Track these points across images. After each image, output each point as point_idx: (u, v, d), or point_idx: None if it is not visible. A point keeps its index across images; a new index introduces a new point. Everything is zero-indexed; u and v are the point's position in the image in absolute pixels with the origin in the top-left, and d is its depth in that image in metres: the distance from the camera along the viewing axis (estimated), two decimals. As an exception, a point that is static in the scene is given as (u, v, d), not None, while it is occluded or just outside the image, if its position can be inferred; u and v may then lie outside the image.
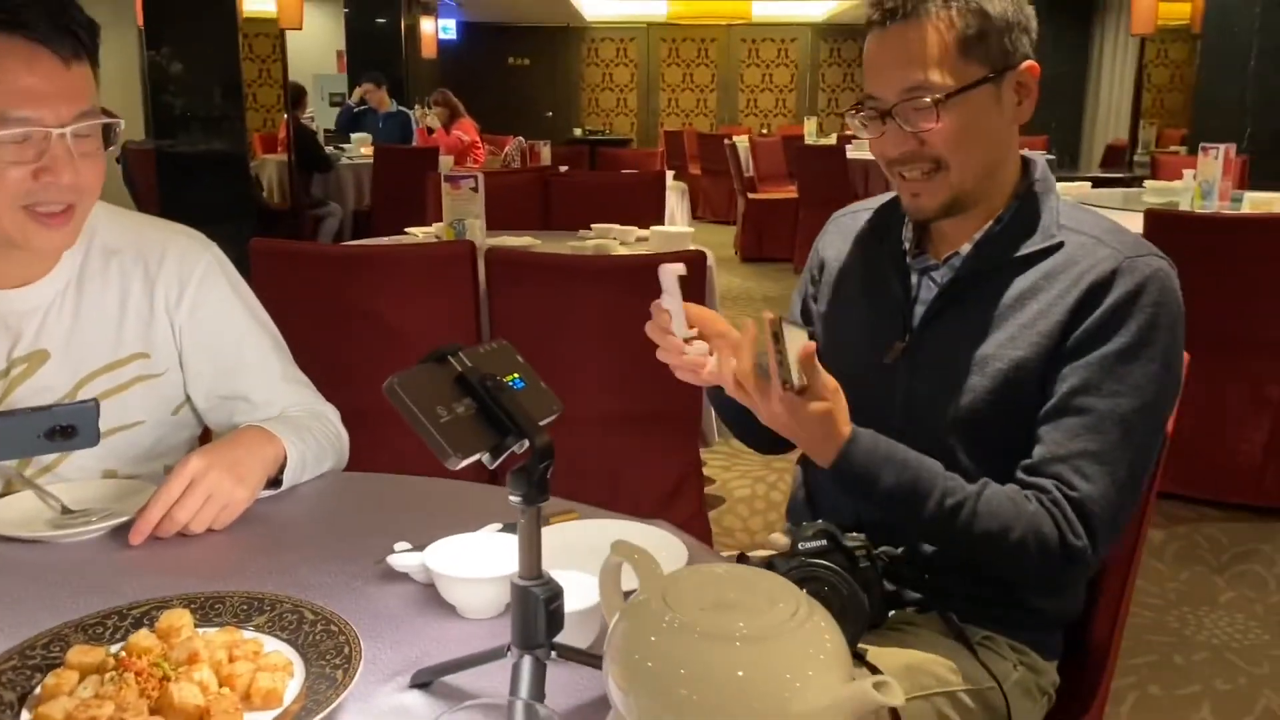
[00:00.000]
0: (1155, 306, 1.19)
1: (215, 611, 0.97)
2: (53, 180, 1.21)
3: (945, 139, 1.22)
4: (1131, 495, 1.21)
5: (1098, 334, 1.19)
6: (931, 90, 1.20)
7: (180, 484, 1.18)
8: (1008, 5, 1.22)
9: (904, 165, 1.26)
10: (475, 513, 1.23)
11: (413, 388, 0.78)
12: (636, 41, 15.46)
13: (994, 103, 1.23)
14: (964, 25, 1.20)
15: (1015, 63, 1.24)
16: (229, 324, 1.45)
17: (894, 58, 1.23)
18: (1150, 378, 1.19)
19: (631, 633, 0.70)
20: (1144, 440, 1.20)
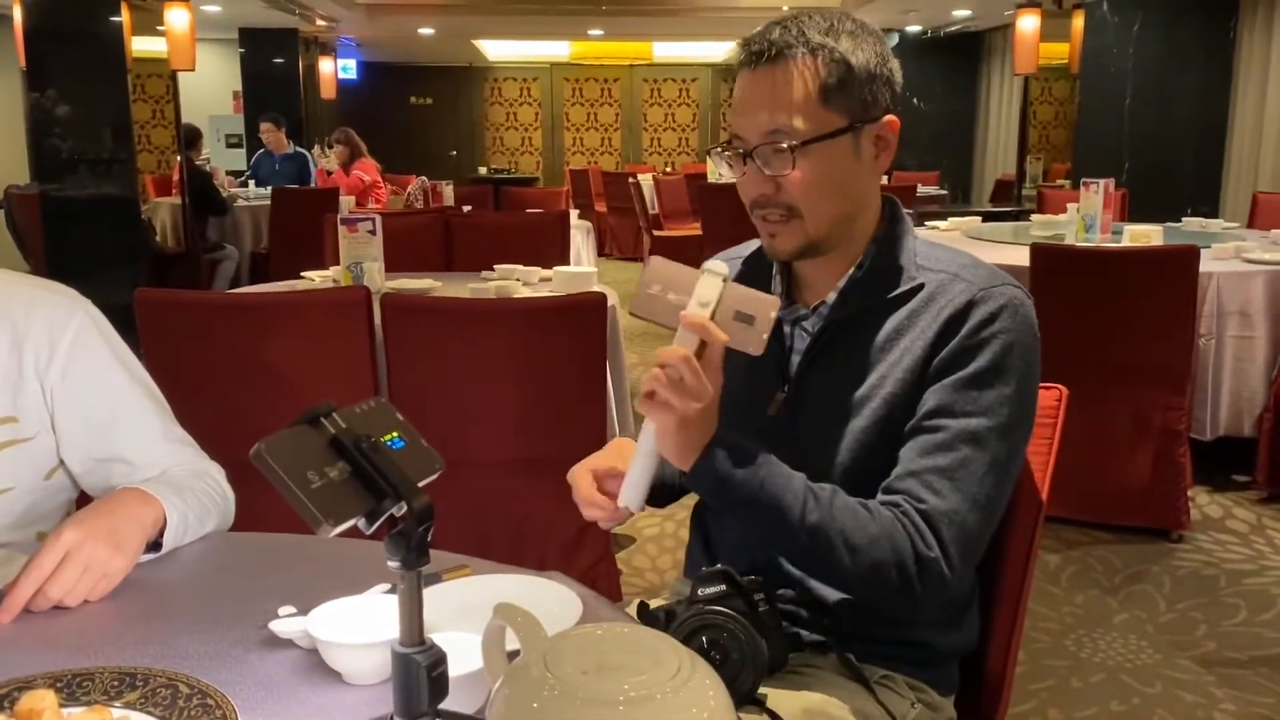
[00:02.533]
0: (1009, 333, 1.22)
1: (83, 689, 0.92)
2: None
3: (800, 187, 1.23)
4: (984, 513, 1.20)
5: (955, 360, 1.22)
6: (790, 135, 1.21)
7: (54, 557, 1.12)
8: (871, 57, 1.24)
9: (763, 208, 1.27)
10: (365, 571, 1.20)
11: (282, 453, 0.75)
12: (540, 81, 15.54)
13: (851, 154, 1.25)
14: (827, 74, 1.22)
15: (875, 115, 1.25)
16: (104, 384, 1.39)
17: (758, 99, 1.24)
18: (1004, 400, 1.21)
19: (513, 700, 0.68)
20: (996, 459, 1.21)
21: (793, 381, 1.31)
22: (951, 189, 10.64)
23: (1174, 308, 3.33)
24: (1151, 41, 7.12)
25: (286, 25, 10.78)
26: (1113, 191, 4.49)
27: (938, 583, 1.18)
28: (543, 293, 3.62)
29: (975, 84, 12.59)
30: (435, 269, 4.26)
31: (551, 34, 13.84)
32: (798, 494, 1.17)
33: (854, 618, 1.28)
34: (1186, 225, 5.27)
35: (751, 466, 1.17)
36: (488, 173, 14.59)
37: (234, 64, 11.74)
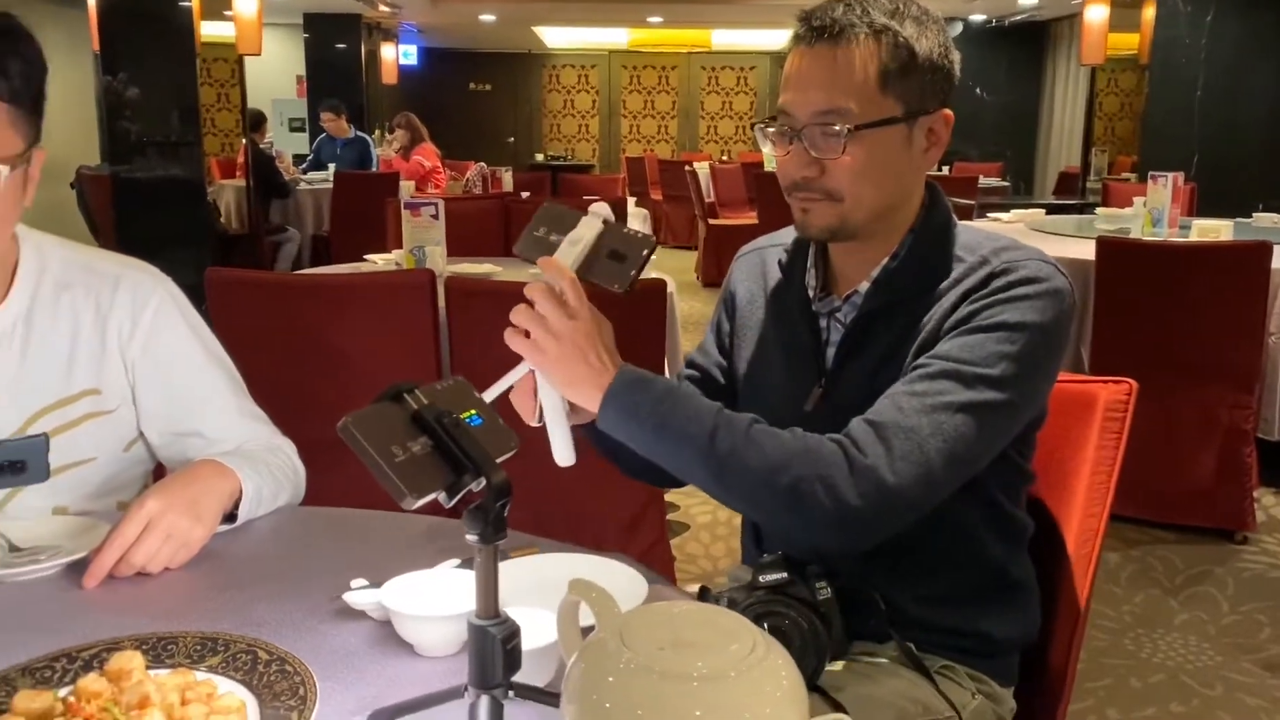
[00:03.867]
0: (1027, 300, 1.17)
1: (168, 652, 0.95)
2: None
3: (847, 172, 1.20)
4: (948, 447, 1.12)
5: (964, 319, 1.18)
6: (845, 119, 1.18)
7: (137, 525, 1.16)
8: (935, 46, 1.21)
9: (801, 190, 1.24)
10: (433, 548, 1.22)
11: (367, 427, 0.77)
12: (598, 68, 15.56)
13: (903, 144, 1.22)
14: (889, 59, 1.18)
15: (932, 107, 1.22)
16: (183, 359, 1.43)
17: (814, 78, 1.20)
18: (1005, 356, 1.14)
19: (589, 673, 0.70)
20: (979, 404, 1.13)
21: (829, 374, 1.29)
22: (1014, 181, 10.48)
23: (1243, 305, 3.26)
24: (1224, 32, 6.94)
25: (350, 11, 10.91)
26: (1181, 185, 4.40)
27: (876, 492, 1.09)
28: (601, 279, 3.63)
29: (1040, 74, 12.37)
30: (494, 254, 4.29)
31: (612, 21, 13.85)
32: (708, 419, 1.13)
33: (915, 607, 1.27)
34: (1257, 221, 5.14)
35: (655, 394, 1.13)
36: (544, 159, 14.64)
37: (298, 49, 11.91)
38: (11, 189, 1.23)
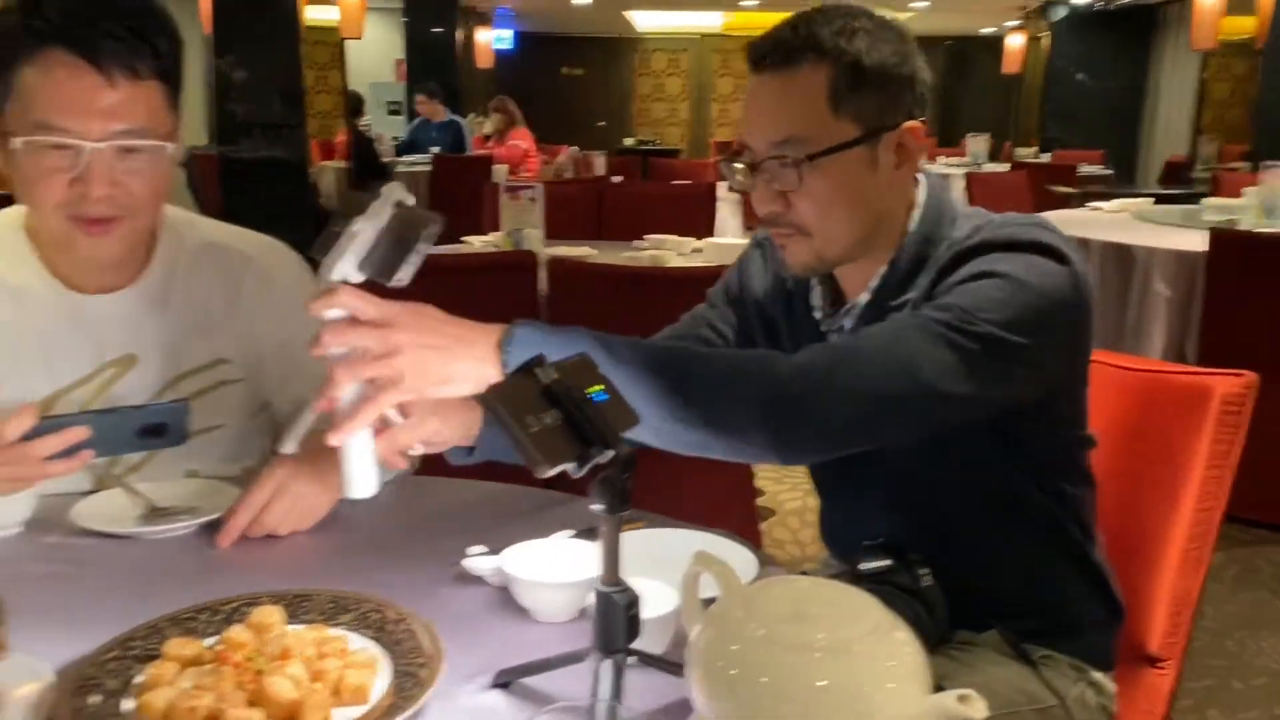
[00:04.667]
0: (1012, 250, 1.09)
1: (303, 609, 1.00)
2: (85, 191, 1.25)
3: (809, 205, 1.15)
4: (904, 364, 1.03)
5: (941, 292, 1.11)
6: (798, 147, 1.13)
7: (268, 488, 1.22)
8: (888, 58, 1.14)
9: (773, 226, 1.20)
10: (545, 518, 1.26)
11: (505, 398, 0.81)
12: (689, 53, 15.52)
13: (867, 166, 1.16)
14: (838, 79, 1.13)
15: (895, 122, 1.16)
16: (309, 332, 1.49)
17: (765, 107, 1.16)
18: (991, 301, 1.05)
19: (715, 641, 0.72)
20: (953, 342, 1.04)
21: None
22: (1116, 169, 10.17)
23: (1365, 300, 3.14)
24: (1349, 16, 6.64)
25: (449, -6, 11.08)
26: (1297, 175, 4.23)
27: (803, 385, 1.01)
28: (694, 263, 3.65)
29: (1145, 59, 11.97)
30: (588, 237, 4.34)
31: (706, 4, 13.79)
32: (640, 344, 1.05)
33: (1018, 596, 1.27)
34: (1378, 212, 4.92)
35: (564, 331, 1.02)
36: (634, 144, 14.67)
37: (397, 32, 12.11)
38: (168, 164, 1.30)
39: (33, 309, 1.38)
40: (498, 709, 0.89)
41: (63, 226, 1.28)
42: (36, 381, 1.37)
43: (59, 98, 1.22)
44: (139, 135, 1.26)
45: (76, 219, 1.27)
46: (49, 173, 1.25)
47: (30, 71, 1.23)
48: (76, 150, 1.23)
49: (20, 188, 1.29)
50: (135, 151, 1.27)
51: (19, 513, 1.24)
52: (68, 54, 1.22)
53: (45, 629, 0.96)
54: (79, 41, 1.21)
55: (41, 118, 1.23)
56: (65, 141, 1.23)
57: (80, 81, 1.22)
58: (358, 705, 0.86)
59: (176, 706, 0.83)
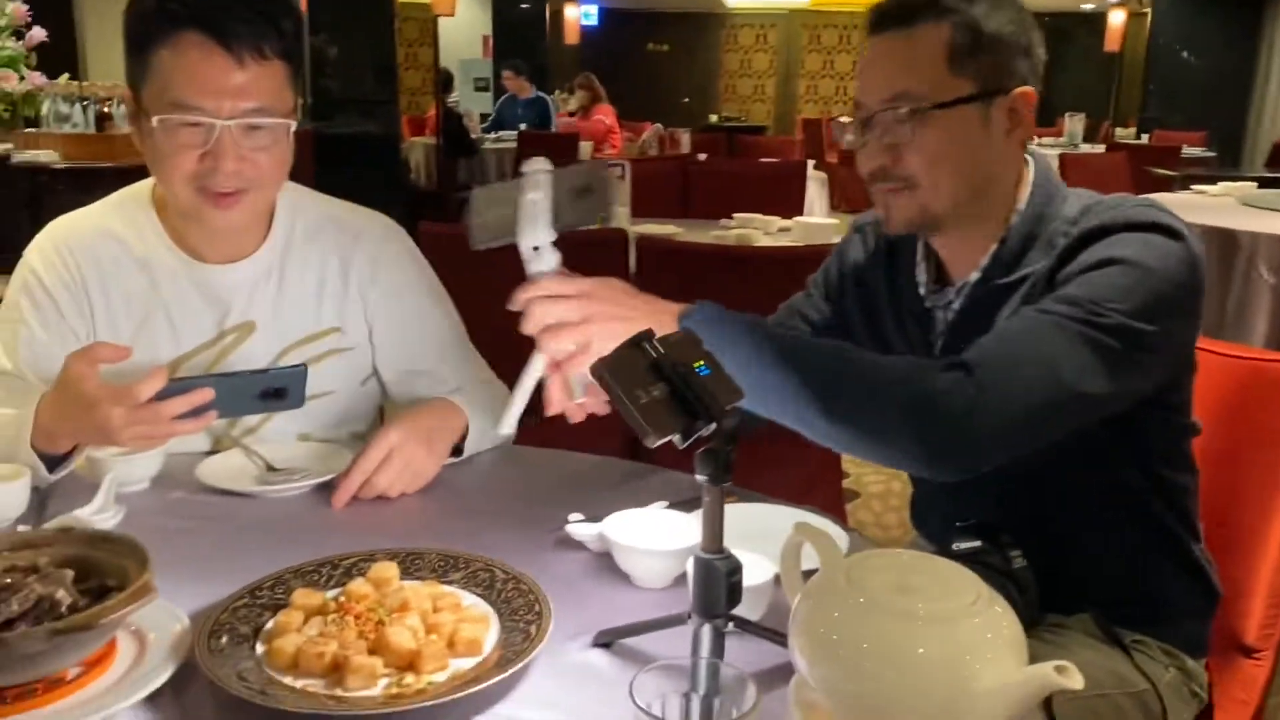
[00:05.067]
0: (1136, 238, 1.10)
1: (415, 566, 1.06)
2: (214, 166, 1.32)
3: (919, 157, 1.18)
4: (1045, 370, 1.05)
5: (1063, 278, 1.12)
6: (912, 100, 1.16)
7: (380, 453, 1.28)
8: (1006, 24, 1.18)
9: (879, 182, 1.22)
10: (636, 489, 1.30)
11: (615, 370, 0.84)
12: (777, 28, 15.36)
13: (979, 125, 1.19)
14: (957, 38, 1.16)
15: (1009, 86, 1.19)
16: (415, 304, 1.55)
17: (881, 65, 1.20)
18: (1111, 288, 1.07)
19: (817, 609, 0.75)
20: (1090, 338, 1.05)
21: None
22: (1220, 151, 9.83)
23: None
24: None
25: (536, -30, 11.13)
26: None
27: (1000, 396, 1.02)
28: (782, 242, 3.65)
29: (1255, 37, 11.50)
30: (674, 215, 4.36)
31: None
32: (800, 341, 1.12)
33: (1110, 580, 1.27)
34: None
35: (744, 316, 1.10)
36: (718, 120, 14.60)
37: (485, 9, 12.22)
38: (289, 139, 1.37)
39: (160, 278, 1.46)
40: (600, 667, 0.93)
41: (192, 199, 1.35)
42: (162, 346, 1.45)
43: (192, 78, 1.29)
44: (264, 113, 1.33)
45: (205, 191, 1.34)
46: (181, 148, 1.32)
47: (165, 53, 1.30)
48: (208, 128, 1.30)
49: (153, 162, 1.37)
50: (260, 128, 1.33)
51: (149, 469, 1.32)
52: (200, 36, 1.28)
53: (174, 578, 1.02)
54: (211, 24, 1.28)
55: (176, 97, 1.30)
56: (197, 119, 1.30)
57: (212, 63, 1.29)
58: (471, 657, 0.91)
59: (304, 652, 0.89)
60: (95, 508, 1.20)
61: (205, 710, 0.86)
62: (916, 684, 0.69)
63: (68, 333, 1.45)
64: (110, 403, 1.18)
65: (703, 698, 0.76)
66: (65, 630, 0.83)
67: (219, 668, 0.87)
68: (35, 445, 1.25)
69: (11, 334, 1.45)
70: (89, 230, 1.47)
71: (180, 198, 1.36)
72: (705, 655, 0.86)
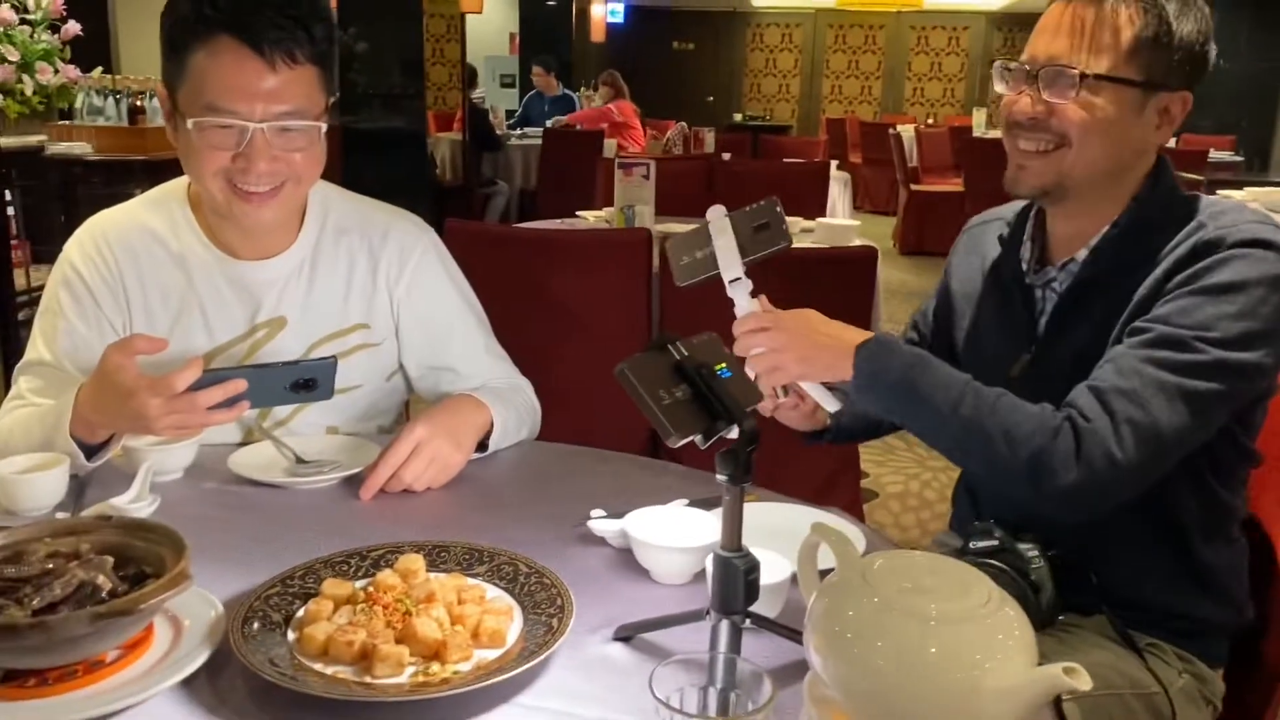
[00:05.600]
0: (1257, 261, 1.14)
1: (441, 559, 1.08)
2: (248, 167, 1.35)
3: (1075, 116, 1.21)
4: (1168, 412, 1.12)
5: (1187, 280, 1.16)
6: (1084, 67, 1.20)
7: (407, 447, 1.31)
8: (1193, 30, 1.22)
9: (1027, 132, 1.25)
10: (656, 487, 1.32)
11: (640, 372, 0.87)
12: (803, 27, 15.32)
13: (1135, 111, 1.22)
14: (1145, 29, 1.20)
15: (1173, 85, 1.23)
16: (441, 301, 1.58)
17: (1066, 29, 1.23)
18: (1228, 317, 1.13)
19: (832, 607, 0.77)
20: (1200, 367, 1.12)
21: (1039, 342, 1.31)
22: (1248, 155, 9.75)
23: None
24: None
25: (563, -32, 11.16)
26: None
27: (1104, 460, 1.11)
28: (804, 244, 3.66)
29: (1286, 40, 11.39)
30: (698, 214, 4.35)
31: (822, -22, 13.59)
32: (955, 386, 1.18)
33: (1124, 583, 1.28)
34: None
35: (905, 358, 1.21)
36: (743, 119, 14.59)
37: (512, 6, 12.26)
38: (319, 143, 1.40)
39: (195, 273, 1.49)
40: (620, 660, 0.96)
41: (225, 196, 1.39)
42: (196, 339, 1.49)
43: (225, 82, 1.32)
44: (296, 116, 1.36)
45: (237, 190, 1.38)
46: (214, 148, 1.35)
47: (201, 56, 1.33)
48: (241, 129, 1.34)
49: (187, 160, 1.40)
50: (292, 130, 1.36)
51: (184, 460, 1.36)
52: (234, 41, 1.31)
53: (208, 566, 1.05)
54: (245, 29, 1.31)
55: (211, 100, 1.33)
56: (230, 122, 1.33)
57: (245, 67, 1.32)
58: (495, 648, 0.93)
59: (334, 640, 0.91)
60: (131, 496, 1.23)
61: (238, 694, 0.89)
62: (928, 683, 0.71)
63: (105, 325, 1.48)
64: (148, 393, 1.21)
65: (720, 691, 0.79)
66: (106, 615, 0.86)
67: (252, 653, 0.89)
68: (74, 434, 1.29)
69: (51, 326, 1.49)
70: (126, 226, 1.51)
71: (214, 195, 1.40)
72: (723, 650, 0.88)
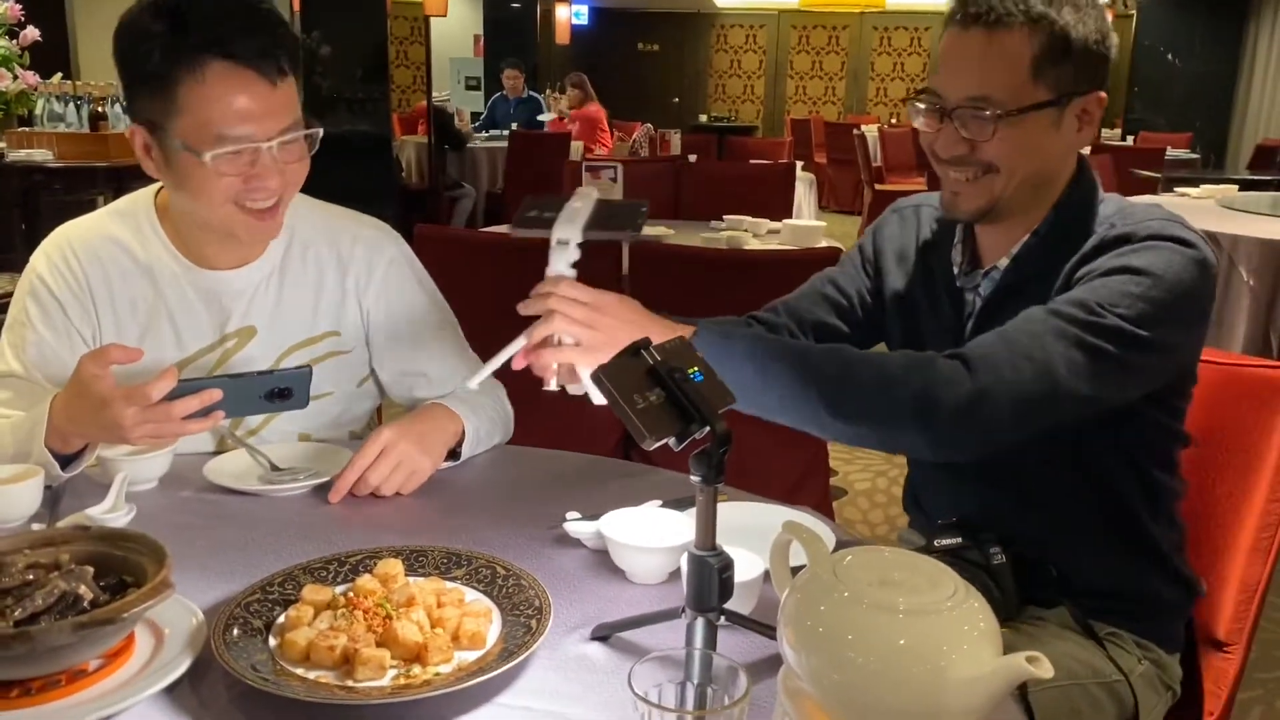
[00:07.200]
0: (1159, 249, 1.17)
1: (419, 563, 1.10)
2: (260, 185, 1.36)
3: (997, 150, 1.23)
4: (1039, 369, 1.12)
5: (1083, 276, 1.19)
6: (995, 105, 1.20)
7: (373, 450, 1.32)
8: (1091, 32, 1.21)
9: (954, 166, 1.27)
10: (630, 488, 1.34)
11: (615, 378, 0.89)
12: (766, 28, 15.40)
13: (1053, 126, 1.23)
14: (1043, 47, 1.19)
15: (1084, 90, 1.23)
16: (411, 308, 1.59)
17: (966, 62, 1.23)
18: (1125, 295, 1.14)
19: (804, 602, 0.79)
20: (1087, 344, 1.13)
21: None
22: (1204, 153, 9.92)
23: None
24: None
25: (528, -31, 11.15)
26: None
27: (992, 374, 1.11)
28: (771, 244, 3.70)
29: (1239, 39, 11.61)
30: (665, 216, 4.39)
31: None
32: (808, 347, 1.21)
33: (1081, 573, 1.32)
34: None
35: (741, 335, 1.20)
36: (708, 120, 14.64)
37: (475, 9, 12.23)
38: (304, 150, 1.41)
39: (163, 283, 1.50)
40: (598, 659, 0.98)
41: (234, 217, 1.39)
42: (166, 349, 1.49)
43: (233, 107, 1.30)
44: (295, 127, 1.37)
45: (244, 209, 1.38)
46: (228, 175, 1.34)
47: (193, 85, 1.29)
48: (253, 151, 1.34)
49: (192, 191, 1.37)
50: (292, 142, 1.37)
51: (158, 469, 1.36)
52: (225, 63, 1.29)
53: (186, 574, 1.06)
54: (230, 49, 1.29)
55: (221, 130, 1.31)
56: (244, 147, 1.33)
57: (250, 90, 1.31)
58: (475, 650, 0.95)
59: (316, 645, 0.93)
60: (107, 506, 1.23)
61: (221, 700, 0.90)
62: (897, 673, 0.74)
63: (75, 336, 1.48)
64: (123, 402, 1.21)
65: (696, 687, 0.81)
66: (89, 624, 0.87)
67: (234, 660, 0.90)
68: (48, 444, 1.29)
69: (20, 338, 1.48)
70: (93, 236, 1.51)
71: (221, 218, 1.39)
72: (698, 647, 0.90)
